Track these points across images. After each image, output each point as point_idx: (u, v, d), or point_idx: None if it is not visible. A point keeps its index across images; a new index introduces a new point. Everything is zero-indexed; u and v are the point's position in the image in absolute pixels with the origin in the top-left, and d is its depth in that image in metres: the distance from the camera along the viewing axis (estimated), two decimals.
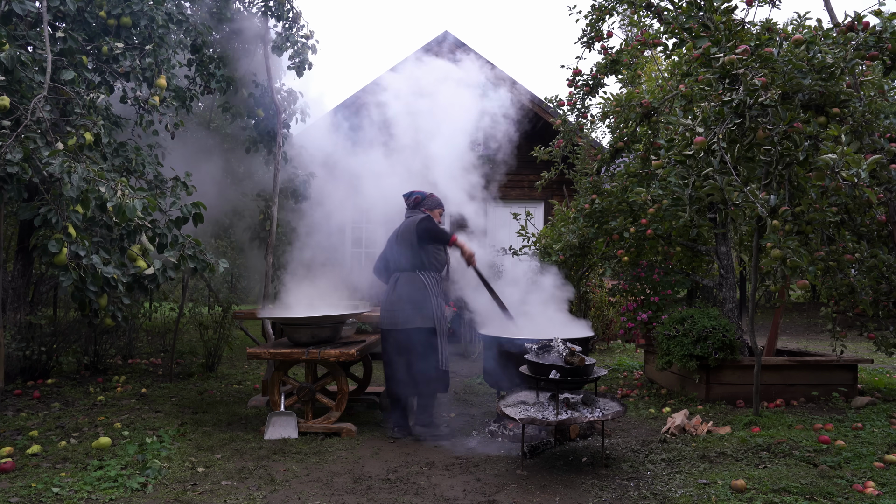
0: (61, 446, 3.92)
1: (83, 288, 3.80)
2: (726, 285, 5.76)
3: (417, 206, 4.69)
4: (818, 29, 4.29)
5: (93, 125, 4.33)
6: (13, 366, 5.83)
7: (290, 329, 4.47)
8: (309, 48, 6.59)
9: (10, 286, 5.82)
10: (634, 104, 5.56)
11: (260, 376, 6.81)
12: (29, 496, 3.07)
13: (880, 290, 4.66)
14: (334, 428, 4.35)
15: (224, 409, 5.20)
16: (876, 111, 4.08)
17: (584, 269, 6.40)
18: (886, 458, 3.48)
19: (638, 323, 5.95)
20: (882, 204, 4.20)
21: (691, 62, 4.40)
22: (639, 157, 5.64)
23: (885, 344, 4.98)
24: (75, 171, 3.71)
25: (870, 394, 5.39)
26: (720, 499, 2.99)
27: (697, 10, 4.21)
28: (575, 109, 6.11)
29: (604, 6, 5.82)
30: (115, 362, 7.10)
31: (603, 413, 3.58)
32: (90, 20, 4.91)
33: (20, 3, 4.35)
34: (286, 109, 6.76)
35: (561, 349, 3.78)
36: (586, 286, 8.51)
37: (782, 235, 3.52)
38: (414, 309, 4.35)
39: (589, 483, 3.33)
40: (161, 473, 3.44)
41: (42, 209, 3.80)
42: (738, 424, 4.44)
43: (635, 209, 5.58)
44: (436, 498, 3.14)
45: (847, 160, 3.24)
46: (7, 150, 3.63)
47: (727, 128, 3.72)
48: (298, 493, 3.20)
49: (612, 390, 6.02)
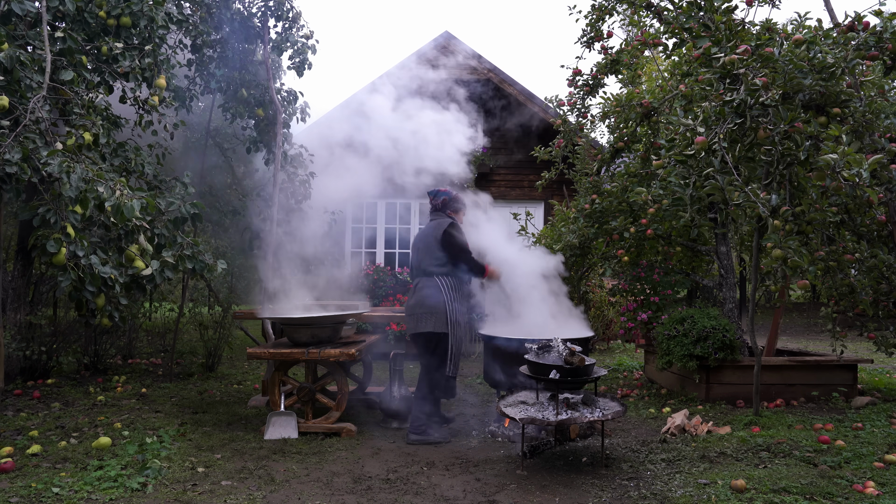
0: (61, 446, 3.92)
1: (81, 288, 3.79)
2: (726, 285, 5.75)
3: (444, 207, 4.62)
4: (818, 29, 4.29)
5: (92, 125, 4.32)
6: (13, 366, 5.82)
7: (290, 329, 4.46)
8: (309, 48, 6.58)
9: (10, 286, 5.81)
10: (634, 104, 5.56)
11: (260, 376, 6.81)
12: (29, 496, 3.07)
13: (880, 290, 4.66)
14: (334, 428, 4.35)
15: (224, 409, 5.20)
16: (876, 111, 4.07)
17: (584, 269, 6.39)
18: (886, 458, 3.47)
19: (638, 323, 5.94)
20: (882, 204, 4.20)
21: (691, 62, 4.40)
22: (639, 157, 5.64)
23: (885, 344, 4.97)
24: (74, 171, 3.71)
25: (870, 394, 5.39)
26: (720, 499, 2.99)
27: (698, 10, 4.21)
28: (575, 109, 6.11)
29: (604, 6, 5.82)
30: (115, 362, 7.10)
31: (603, 413, 3.57)
32: (90, 20, 4.90)
33: (19, 2, 4.35)
34: (286, 109, 6.76)
35: (561, 349, 3.77)
36: (586, 286, 8.51)
37: (783, 235, 3.52)
38: (428, 314, 4.34)
39: (589, 483, 3.33)
40: (161, 473, 3.44)
41: (41, 209, 3.79)
42: (738, 424, 4.43)
43: (635, 209, 5.58)
44: (436, 498, 3.14)
45: (848, 160, 3.23)
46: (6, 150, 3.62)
47: (728, 128, 3.72)
48: (298, 493, 3.19)
49: (612, 390, 6.01)
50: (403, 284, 8.77)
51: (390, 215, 12.01)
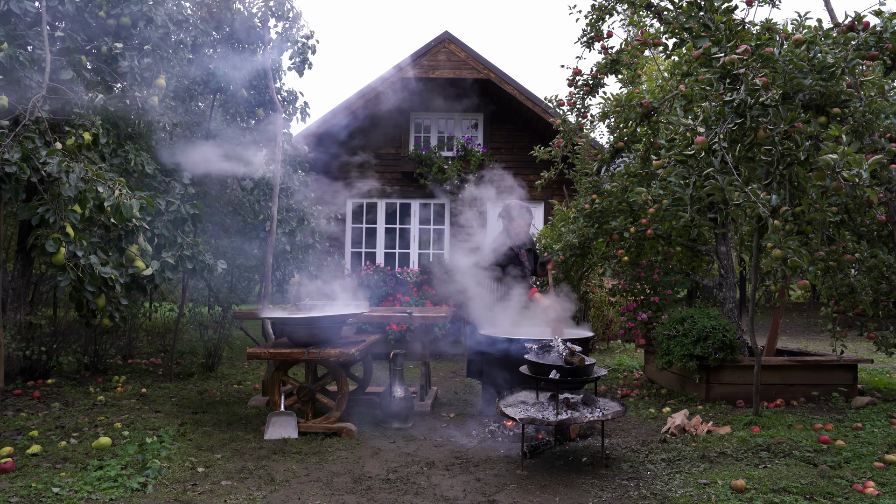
0: (61, 446, 3.92)
1: (81, 288, 3.79)
2: (726, 285, 5.75)
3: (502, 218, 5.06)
4: (818, 29, 4.29)
5: (91, 125, 4.32)
6: (13, 366, 5.82)
7: (290, 329, 4.46)
8: (309, 48, 6.58)
9: (10, 286, 5.81)
10: (634, 104, 5.55)
11: (260, 376, 6.81)
12: (29, 496, 3.07)
13: (880, 290, 4.66)
14: (334, 428, 4.35)
15: (224, 409, 5.19)
16: (876, 111, 4.07)
17: (584, 269, 6.39)
18: (886, 458, 3.47)
19: (638, 323, 5.94)
20: (882, 204, 4.20)
21: (691, 62, 4.39)
22: (639, 157, 5.64)
23: (885, 344, 4.97)
24: (73, 170, 3.71)
25: (870, 394, 5.39)
26: (720, 499, 2.98)
27: (698, 10, 4.21)
28: (575, 109, 6.10)
29: (604, 6, 5.81)
30: (115, 362, 7.10)
31: (603, 413, 3.57)
32: (89, 20, 4.90)
33: (19, 2, 4.35)
34: (286, 109, 6.76)
35: (561, 349, 3.77)
36: (586, 286, 8.50)
37: (783, 235, 3.52)
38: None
39: (589, 483, 3.33)
40: (161, 473, 3.44)
41: (40, 209, 3.79)
42: (738, 424, 4.43)
43: (635, 209, 5.57)
44: (436, 498, 3.14)
45: (848, 160, 3.23)
46: (5, 150, 3.62)
47: (728, 128, 3.72)
48: (298, 493, 3.19)
49: (612, 390, 6.01)
50: (403, 284, 8.77)
51: (390, 215, 12.01)
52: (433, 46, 10.92)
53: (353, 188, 11.72)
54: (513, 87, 10.87)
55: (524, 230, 5.11)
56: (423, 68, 10.90)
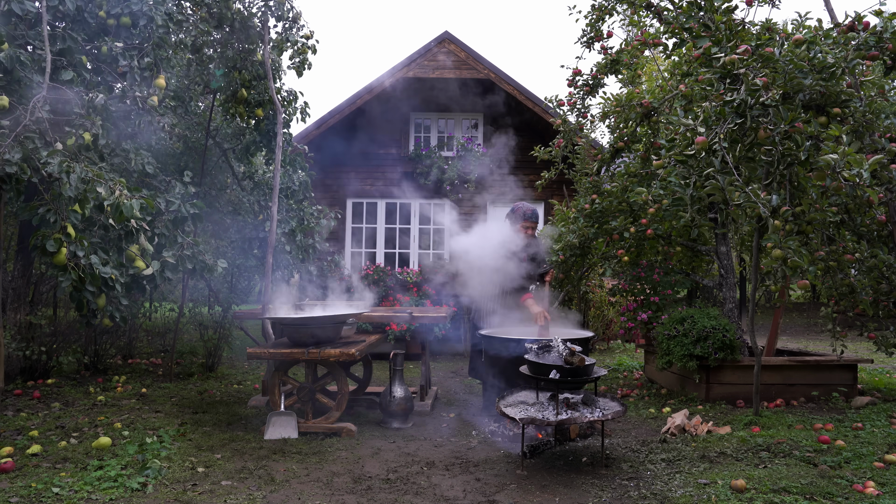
0: (61, 446, 3.92)
1: (81, 288, 3.79)
2: (726, 285, 5.75)
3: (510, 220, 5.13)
4: (818, 29, 4.28)
5: (91, 125, 4.32)
6: (13, 366, 5.82)
7: (290, 329, 4.46)
8: (309, 48, 6.58)
9: (10, 286, 5.81)
10: (634, 104, 5.55)
11: (260, 376, 6.81)
12: (29, 496, 3.07)
13: (880, 290, 4.66)
14: (334, 428, 4.35)
15: (224, 409, 5.19)
16: (876, 111, 4.07)
17: (584, 269, 6.39)
18: (886, 458, 3.47)
19: (638, 323, 5.94)
20: (882, 204, 4.20)
21: (691, 62, 4.40)
22: (639, 157, 5.64)
23: (885, 344, 4.98)
24: (74, 171, 3.71)
25: (870, 394, 5.39)
26: (720, 499, 2.99)
27: (698, 10, 4.20)
28: (575, 109, 6.11)
29: (604, 6, 5.81)
30: (115, 362, 7.10)
31: (603, 413, 3.57)
32: (89, 20, 4.90)
33: (19, 2, 4.34)
34: (286, 109, 6.75)
35: (561, 349, 3.77)
36: (586, 286, 8.50)
37: (783, 235, 3.52)
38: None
39: (589, 483, 3.33)
40: (161, 473, 3.44)
41: (41, 209, 3.79)
42: (738, 424, 4.43)
43: (635, 209, 5.57)
44: (436, 498, 3.14)
45: (848, 160, 3.23)
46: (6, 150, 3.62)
47: (728, 128, 3.72)
48: (298, 493, 3.19)
49: (612, 390, 6.01)
50: (403, 284, 8.77)
51: (390, 215, 12.01)
52: (433, 46, 10.92)
53: (353, 188, 11.74)
54: (513, 87, 10.87)
55: (528, 233, 5.08)
56: (423, 68, 10.90)
